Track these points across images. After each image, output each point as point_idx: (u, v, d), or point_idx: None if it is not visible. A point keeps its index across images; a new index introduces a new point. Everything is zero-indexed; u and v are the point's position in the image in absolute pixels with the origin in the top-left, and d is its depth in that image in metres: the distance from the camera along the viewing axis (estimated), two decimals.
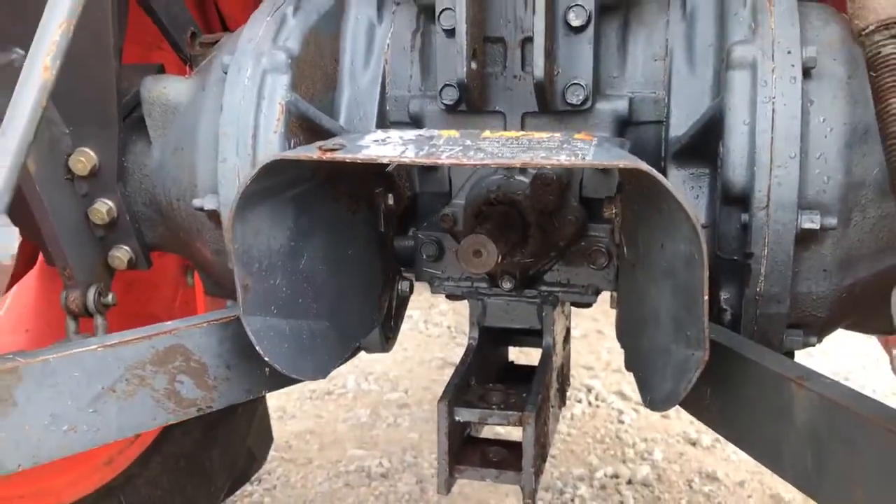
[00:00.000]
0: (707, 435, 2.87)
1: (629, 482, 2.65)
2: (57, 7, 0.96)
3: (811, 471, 0.88)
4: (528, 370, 1.43)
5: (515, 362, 1.57)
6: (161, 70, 1.51)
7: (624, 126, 1.30)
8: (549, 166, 1.01)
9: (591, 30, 1.25)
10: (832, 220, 1.05)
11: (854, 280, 1.12)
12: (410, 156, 0.93)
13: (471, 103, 1.29)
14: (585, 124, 1.29)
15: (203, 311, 1.80)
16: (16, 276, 1.74)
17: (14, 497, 1.70)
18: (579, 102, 1.26)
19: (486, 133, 1.01)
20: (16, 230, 0.90)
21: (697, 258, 0.88)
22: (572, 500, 2.51)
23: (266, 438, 2.48)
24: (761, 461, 0.97)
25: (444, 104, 1.30)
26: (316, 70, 1.34)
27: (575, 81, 1.26)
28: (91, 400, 1.00)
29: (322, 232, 1.15)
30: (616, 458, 2.77)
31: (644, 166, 0.87)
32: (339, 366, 1.25)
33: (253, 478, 2.52)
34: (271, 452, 2.56)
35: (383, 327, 1.36)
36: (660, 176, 0.87)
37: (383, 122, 1.40)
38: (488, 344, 1.39)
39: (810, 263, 1.08)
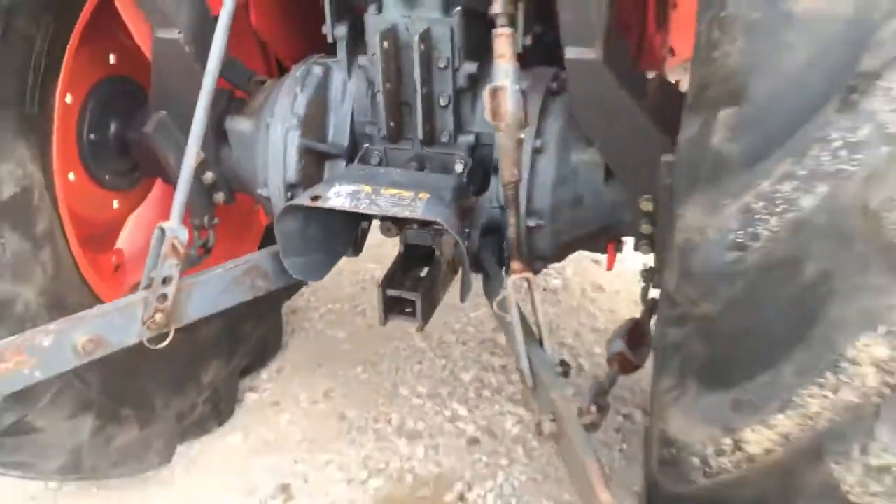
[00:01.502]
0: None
1: (544, 290, 4.04)
2: (199, 114, 2.18)
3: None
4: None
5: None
6: (230, 95, 2.69)
7: (474, 149, 2.48)
8: (400, 216, 2.23)
9: (451, 106, 2.40)
10: (542, 221, 2.29)
11: (563, 241, 2.37)
12: (346, 205, 2.18)
13: (394, 138, 2.48)
14: (453, 149, 2.45)
15: (263, 218, 3.12)
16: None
17: None
18: (447, 141, 2.44)
19: (384, 189, 2.24)
20: (186, 230, 2.20)
21: (462, 259, 2.16)
22: None
23: None
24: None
25: (382, 136, 2.50)
26: (315, 116, 2.52)
27: (444, 131, 2.43)
28: (222, 291, 2.36)
29: (321, 217, 2.42)
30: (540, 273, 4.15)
31: (439, 218, 2.11)
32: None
33: None
34: None
35: (355, 246, 2.66)
36: (440, 220, 2.11)
37: (353, 136, 2.58)
38: (410, 251, 2.69)
39: (538, 237, 2.33)
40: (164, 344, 2.21)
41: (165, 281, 2.17)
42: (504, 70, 1.92)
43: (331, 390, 3.48)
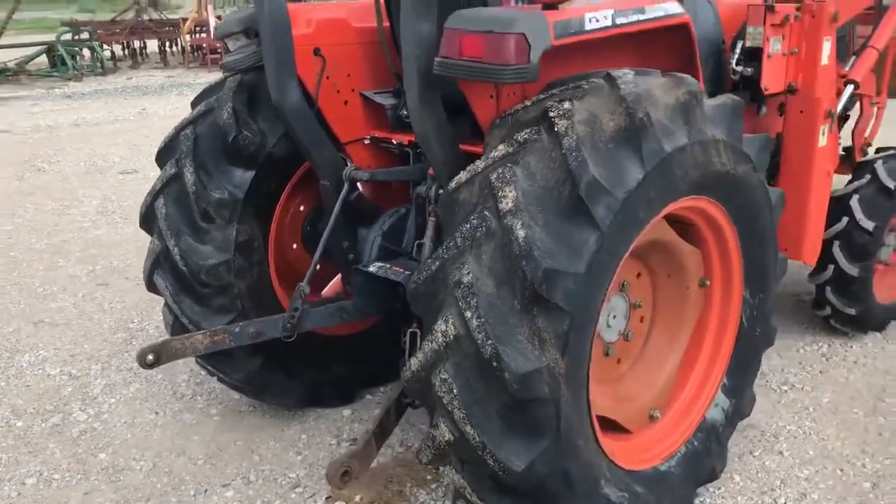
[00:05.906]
0: None
1: None
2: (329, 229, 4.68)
3: None
4: None
5: None
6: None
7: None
8: (390, 278, 4.47)
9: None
10: None
11: None
12: (377, 272, 4.48)
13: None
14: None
15: None
16: None
17: None
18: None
19: (396, 268, 4.49)
20: (308, 288, 4.65)
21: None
22: None
23: None
24: None
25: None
26: (394, 231, 4.89)
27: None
28: (325, 317, 4.74)
29: (379, 280, 4.71)
30: None
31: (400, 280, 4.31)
32: None
33: None
34: None
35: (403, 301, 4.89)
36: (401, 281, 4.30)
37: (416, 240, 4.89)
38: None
39: None
40: (290, 340, 4.23)
41: (297, 308, 4.43)
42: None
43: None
